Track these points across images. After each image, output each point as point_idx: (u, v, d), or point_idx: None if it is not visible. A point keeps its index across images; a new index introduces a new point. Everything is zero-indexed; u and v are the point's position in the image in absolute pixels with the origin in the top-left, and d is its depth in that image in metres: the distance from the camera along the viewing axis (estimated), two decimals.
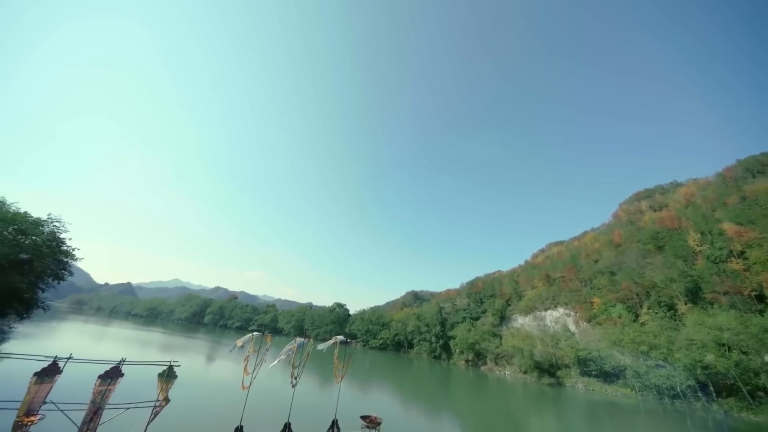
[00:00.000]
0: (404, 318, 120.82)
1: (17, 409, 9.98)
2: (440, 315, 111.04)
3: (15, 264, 31.05)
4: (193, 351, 58.28)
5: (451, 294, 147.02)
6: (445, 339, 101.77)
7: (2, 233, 29.29)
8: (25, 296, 35.00)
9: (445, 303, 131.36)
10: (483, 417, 36.57)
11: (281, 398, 15.02)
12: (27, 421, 9.91)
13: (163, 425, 11.71)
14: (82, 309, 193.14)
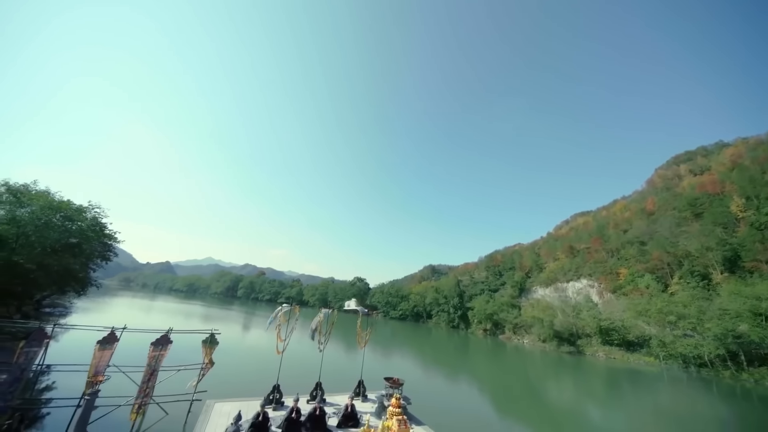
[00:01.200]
0: (422, 291, 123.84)
1: (87, 371, 11.67)
2: (458, 288, 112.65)
3: (67, 247, 34.46)
4: (231, 321, 63.68)
5: (469, 267, 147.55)
6: (463, 310, 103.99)
7: (51, 220, 32.21)
8: (79, 276, 39.14)
9: (463, 276, 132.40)
10: (500, 380, 38.07)
11: (311, 361, 16.43)
12: (96, 380, 11.60)
13: (211, 384, 13.27)
14: (129, 286, 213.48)
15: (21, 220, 28.84)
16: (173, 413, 12.79)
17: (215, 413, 10.68)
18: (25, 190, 32.14)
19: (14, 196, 30.37)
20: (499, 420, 22.88)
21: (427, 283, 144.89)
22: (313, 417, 10.78)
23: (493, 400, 28.48)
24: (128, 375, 12.27)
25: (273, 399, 12.50)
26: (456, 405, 24.47)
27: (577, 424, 23.58)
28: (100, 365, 11.75)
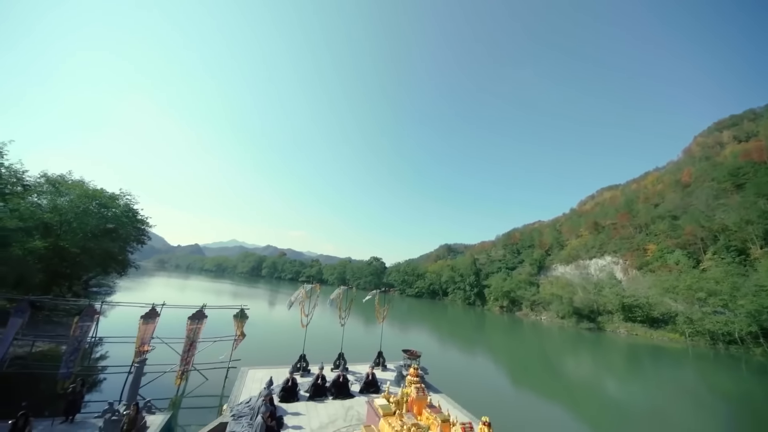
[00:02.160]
0: (438, 269, 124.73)
1: (134, 342, 13.03)
2: (474, 266, 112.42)
3: (105, 232, 37.15)
4: (257, 298, 67.75)
5: (486, 246, 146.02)
6: (480, 288, 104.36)
7: (88, 208, 34.58)
8: (119, 258, 42.41)
9: (480, 255, 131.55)
10: (516, 354, 38.77)
11: (333, 334, 17.42)
12: (143, 350, 12.97)
13: (244, 353, 14.51)
14: (164, 267, 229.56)
15: (62, 209, 31.21)
16: (212, 379, 14.17)
17: (249, 379, 11.74)
18: (62, 180, 34.45)
19: (53, 186, 32.68)
20: (515, 391, 23.58)
21: (443, 262, 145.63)
22: (337, 383, 11.61)
23: (509, 372, 29.21)
24: (170, 346, 13.58)
25: (300, 367, 13.51)
26: (472, 376, 25.36)
27: (593, 397, 23.92)
28: (146, 337, 13.08)
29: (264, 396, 8.85)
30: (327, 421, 9.50)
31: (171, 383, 13.24)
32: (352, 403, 10.98)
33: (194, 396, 13.75)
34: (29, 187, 27.67)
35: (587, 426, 17.83)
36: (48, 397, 11.58)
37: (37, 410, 9.68)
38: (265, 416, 7.92)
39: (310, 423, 9.30)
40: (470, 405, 11.18)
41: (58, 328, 22.26)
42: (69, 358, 12.39)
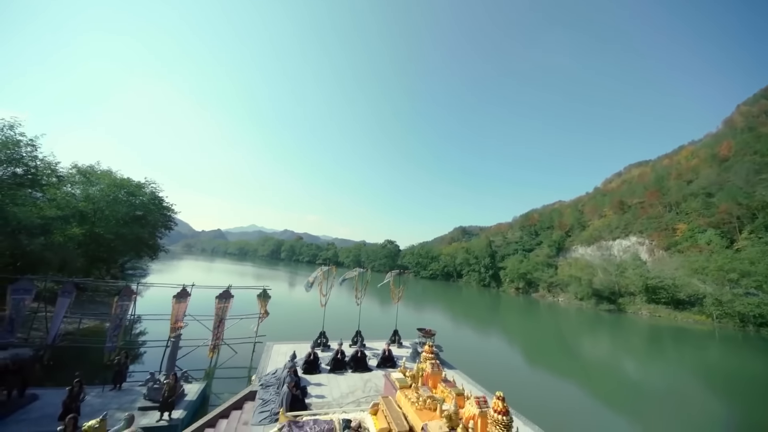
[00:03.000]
0: (453, 251, 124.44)
1: (169, 319, 14.15)
2: (490, 248, 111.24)
3: (135, 219, 39.38)
4: (278, 279, 70.84)
5: (502, 228, 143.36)
6: (495, 270, 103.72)
7: (118, 196, 36.59)
8: (149, 243, 45.12)
9: (496, 237, 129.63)
10: (531, 334, 38.95)
11: (350, 314, 18.19)
12: (177, 326, 14.08)
13: (268, 330, 15.52)
14: (190, 251, 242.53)
15: (94, 197, 33.24)
16: (241, 352, 15.32)
17: (274, 352, 12.61)
18: (92, 171, 36.42)
19: (84, 176, 34.67)
20: (529, 369, 23.93)
21: (457, 244, 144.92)
22: (356, 358, 12.26)
23: (524, 351, 29.53)
24: (202, 322, 14.67)
25: (320, 342, 14.31)
26: (486, 355, 25.87)
27: (608, 376, 23.90)
28: (179, 315, 14.17)
29: (289, 368, 9.52)
30: (347, 391, 10.15)
31: (204, 356, 14.44)
32: (370, 376, 11.60)
33: (225, 367, 14.98)
34: (63, 177, 29.45)
35: (602, 404, 18.00)
36: (97, 368, 12.97)
37: (89, 379, 10.91)
38: (290, 386, 8.57)
39: (331, 392, 9.97)
40: (484, 382, 11.53)
41: (101, 307, 24.43)
42: (112, 333, 13.70)
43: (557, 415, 14.33)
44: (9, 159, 18.44)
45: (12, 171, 19.10)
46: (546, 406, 15.10)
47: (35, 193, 22.16)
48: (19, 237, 17.71)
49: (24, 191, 20.42)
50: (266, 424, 7.54)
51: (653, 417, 16.61)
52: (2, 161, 18.37)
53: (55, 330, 13.59)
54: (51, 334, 13.44)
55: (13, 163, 18.76)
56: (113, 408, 10.19)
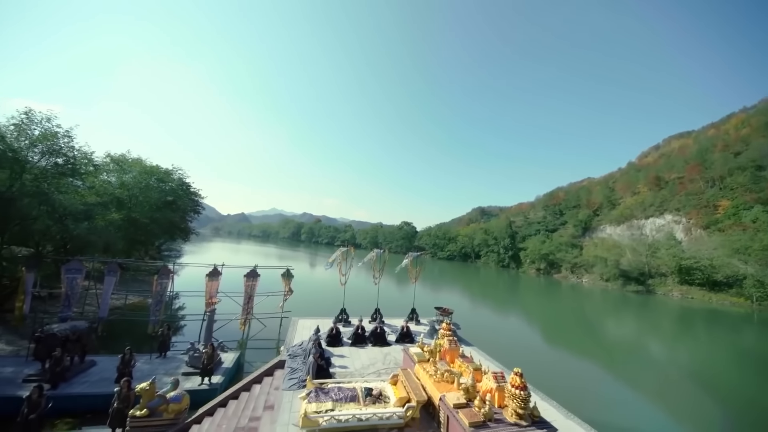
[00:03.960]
0: (471, 232, 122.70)
1: (204, 295, 15.29)
2: (510, 229, 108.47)
3: (166, 204, 41.83)
4: (300, 260, 73.80)
5: (524, 208, 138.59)
6: (515, 251, 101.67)
7: (149, 183, 38.75)
8: (181, 226, 48.05)
9: (516, 217, 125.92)
10: (551, 314, 38.55)
11: (369, 293, 18.79)
12: (211, 302, 15.18)
13: (293, 306, 16.49)
14: (218, 234, 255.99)
15: (128, 184, 35.45)
16: (269, 326, 16.45)
17: (299, 326, 13.44)
18: (123, 159, 38.58)
19: (117, 164, 36.84)
20: (548, 348, 23.93)
21: (475, 225, 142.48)
22: (375, 333, 12.79)
23: (543, 331, 29.42)
24: (233, 299, 15.77)
25: (341, 318, 15.01)
26: (504, 334, 26.07)
27: (632, 356, 23.45)
28: (212, 291, 15.26)
29: (313, 341, 10.15)
30: (368, 363, 10.71)
31: (237, 329, 15.66)
32: (389, 350, 12.12)
33: (256, 339, 16.21)
34: (98, 166, 31.41)
35: (623, 384, 17.84)
36: (143, 338, 14.43)
37: (137, 348, 12.23)
38: (315, 356, 9.17)
39: (353, 363, 10.57)
40: (501, 359, 11.69)
41: (143, 285, 26.71)
42: (155, 308, 15.07)
43: (576, 392, 14.43)
44: (50, 150, 19.84)
45: (54, 161, 20.59)
46: (565, 384, 15.21)
47: (75, 181, 23.87)
48: (66, 222, 19.39)
49: (66, 180, 22.07)
50: (295, 390, 8.19)
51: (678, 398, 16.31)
52: (44, 152, 19.81)
53: (106, 305, 15.11)
54: (102, 308, 14.98)
55: (53, 153, 20.18)
56: (160, 373, 11.40)
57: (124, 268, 26.89)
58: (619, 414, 13.37)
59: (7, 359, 12.26)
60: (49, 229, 18.65)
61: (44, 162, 20.17)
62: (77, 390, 10.46)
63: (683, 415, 14.65)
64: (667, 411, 14.96)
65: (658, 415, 14.46)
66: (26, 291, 13.85)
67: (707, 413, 15.01)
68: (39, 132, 19.35)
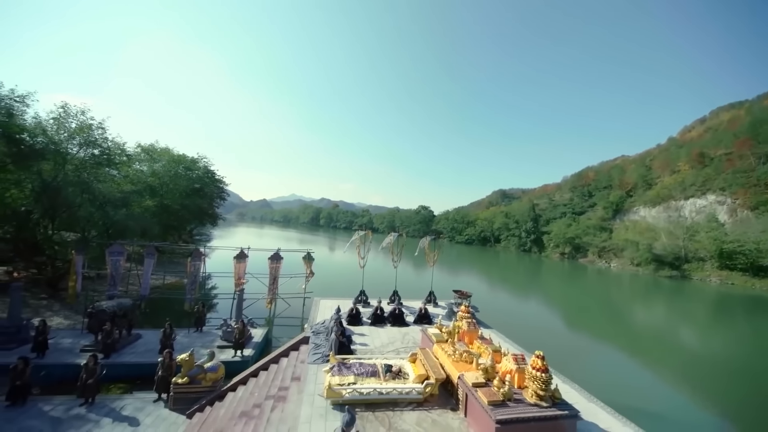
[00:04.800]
0: (490, 216, 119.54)
1: (233, 276, 16.21)
2: (533, 211, 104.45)
3: (194, 191, 43.98)
4: (320, 244, 75.98)
5: (549, 189, 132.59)
6: (537, 234, 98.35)
7: (177, 171, 40.69)
8: (209, 212, 50.58)
9: (540, 199, 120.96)
10: (575, 299, 37.53)
11: (387, 275, 19.14)
12: (240, 283, 16.10)
13: (315, 287, 17.19)
14: (243, 219, 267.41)
15: (159, 173, 37.43)
16: (293, 305, 17.34)
17: (321, 306, 14.04)
18: (153, 149, 40.54)
19: (147, 153, 38.81)
20: (571, 334, 23.49)
21: (495, 208, 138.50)
22: (394, 314, 13.10)
23: (566, 316, 28.80)
24: (259, 279, 16.63)
25: (361, 299, 15.47)
26: (524, 318, 25.79)
27: (662, 343, 22.55)
28: (240, 273, 16.15)
29: (335, 319, 10.59)
30: (387, 342, 11.06)
31: (264, 307, 16.64)
32: (407, 330, 12.41)
33: (282, 317, 17.18)
34: (131, 156, 33.24)
35: (650, 371, 17.29)
36: (181, 315, 15.66)
37: (177, 323, 13.35)
38: (337, 334, 9.59)
39: (373, 342, 10.96)
40: (521, 343, 11.60)
41: (179, 266, 28.67)
42: (190, 288, 16.22)
43: (599, 378, 14.20)
44: (86, 141, 21.16)
45: (91, 152, 22.00)
46: (587, 369, 14.99)
47: (111, 171, 25.50)
48: (106, 209, 20.95)
49: (103, 170, 23.62)
50: (319, 363, 8.66)
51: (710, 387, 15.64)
52: (82, 144, 21.18)
53: (147, 284, 16.46)
54: (144, 287, 16.33)
55: (90, 145, 21.53)
56: (197, 346, 12.41)
57: (160, 251, 28.89)
58: (644, 400, 13.06)
59: (65, 332, 13.82)
60: (92, 215, 20.26)
61: (82, 153, 21.60)
62: (126, 359, 11.68)
63: (713, 405, 14.09)
64: (696, 400, 14.45)
65: (687, 403, 14.01)
66: (77, 272, 15.32)
67: (740, 404, 14.32)
68: (75, 124, 20.62)
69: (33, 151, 16.84)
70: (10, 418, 8.00)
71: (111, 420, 8.36)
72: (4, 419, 7.95)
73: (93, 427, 8.02)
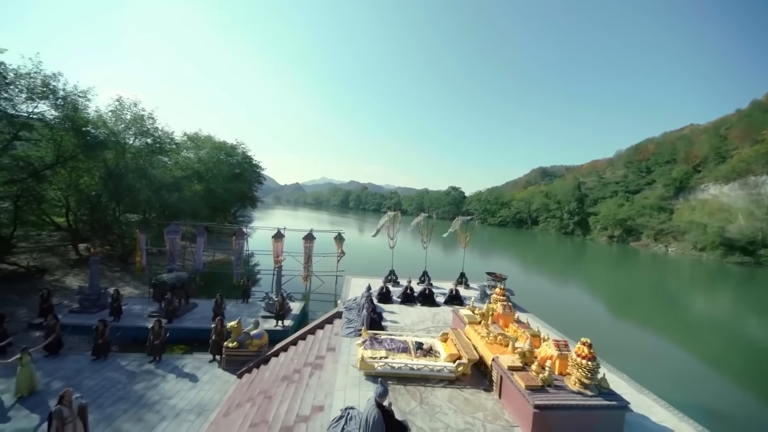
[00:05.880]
0: (528, 196, 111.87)
1: (272, 254, 17.27)
2: (578, 190, 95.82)
3: (235, 176, 46.96)
4: (350, 225, 77.99)
5: (598, 166, 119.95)
6: (583, 215, 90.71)
7: (220, 157, 43.46)
8: (249, 195, 53.99)
9: (588, 177, 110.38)
10: (623, 285, 34.63)
11: (417, 256, 19.06)
12: (278, 260, 17.13)
13: (346, 266, 17.85)
14: (279, 202, 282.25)
15: (203, 159, 40.31)
16: (327, 282, 18.22)
17: (353, 284, 14.51)
18: (197, 137, 43.48)
19: (192, 141, 41.77)
20: (619, 322, 21.87)
21: (534, 187, 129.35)
22: (424, 294, 13.13)
23: (613, 303, 26.78)
24: (295, 258, 17.60)
25: (390, 279, 15.68)
26: (564, 304, 24.42)
27: (727, 339, 20.12)
28: (278, 251, 17.17)
29: (366, 297, 10.91)
30: (417, 320, 11.18)
31: (300, 283, 17.71)
32: (438, 310, 12.40)
33: (316, 293, 18.20)
34: (179, 144, 36.01)
35: (713, 369, 15.57)
36: (230, 287, 17.19)
37: (226, 294, 14.72)
38: (368, 310, 9.90)
39: (403, 320, 11.16)
40: (560, 329, 10.95)
41: (226, 245, 31.23)
42: (236, 263, 17.69)
43: (651, 371, 13.16)
44: (140, 131, 23.22)
45: (145, 141, 24.15)
46: (636, 360, 13.95)
47: (163, 158, 27.89)
48: (161, 193, 23.19)
49: (156, 157, 25.92)
50: (352, 337, 9.05)
51: None
52: (137, 134, 23.28)
53: (200, 259, 18.23)
54: (197, 262, 18.14)
55: (144, 134, 23.61)
56: (244, 315, 13.60)
57: (209, 230, 31.65)
58: (704, 398, 11.93)
59: (135, 299, 15.99)
60: (150, 199, 22.58)
61: (138, 142, 23.80)
62: (185, 324, 13.24)
63: None
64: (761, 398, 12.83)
65: (758, 404, 12.51)
66: (141, 248, 17.37)
67: None
68: (130, 116, 22.62)
69: (97, 141, 18.89)
70: (96, 370, 9.60)
71: (175, 376, 9.63)
72: (91, 370, 9.55)
73: (160, 381, 9.31)
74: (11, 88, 14.98)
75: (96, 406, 7.82)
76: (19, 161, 15.87)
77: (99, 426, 7.28)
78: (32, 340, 10.99)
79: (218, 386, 9.37)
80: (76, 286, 16.36)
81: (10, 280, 15.37)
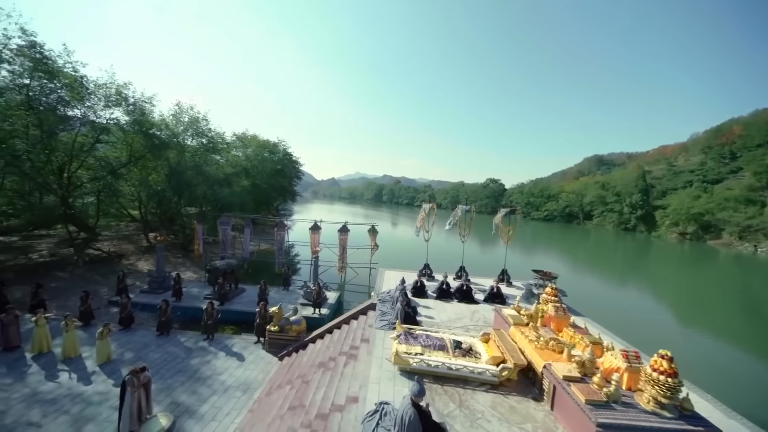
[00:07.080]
0: (580, 188, 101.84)
1: (309, 245, 17.93)
2: (642, 181, 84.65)
3: (276, 172, 49.84)
4: (383, 219, 78.43)
5: (669, 152, 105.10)
6: (648, 209, 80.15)
7: (263, 155, 46.37)
8: (289, 190, 57.05)
9: (655, 165, 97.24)
10: (697, 290, 29.96)
11: (454, 251, 18.34)
12: (315, 251, 17.70)
13: (380, 258, 17.90)
14: (316, 196, 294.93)
15: (250, 157, 43.35)
16: (361, 274, 18.45)
17: (387, 277, 14.46)
18: (244, 136, 46.80)
19: (240, 140, 45.07)
20: (694, 333, 18.96)
21: (587, 178, 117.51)
22: (461, 290, 12.57)
23: (687, 311, 23.37)
24: (331, 249, 18.08)
25: (425, 273, 15.32)
26: (625, 309, 21.86)
27: None
28: (315, 242, 17.76)
29: (400, 290, 10.73)
30: (454, 317, 10.74)
31: (336, 274, 18.19)
32: (477, 308, 11.78)
33: (351, 284, 18.56)
34: (229, 143, 39.04)
35: None
36: (273, 275, 18.28)
37: (270, 281, 15.69)
38: (402, 304, 9.72)
39: (439, 316, 10.80)
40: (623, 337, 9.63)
41: (269, 236, 33.28)
42: (278, 253, 18.71)
43: (739, 393, 11.18)
44: (197, 132, 25.52)
45: (201, 141, 26.52)
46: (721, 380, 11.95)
47: (215, 156, 30.44)
48: (215, 188, 25.40)
49: (210, 156, 28.37)
50: (386, 330, 8.97)
51: None
52: (193, 135, 25.63)
53: (247, 249, 19.65)
54: (245, 251, 19.57)
55: (199, 135, 25.93)
56: (285, 302, 14.33)
57: (255, 222, 34.04)
58: None
59: (193, 283, 17.76)
60: (206, 193, 24.88)
61: (194, 142, 26.22)
62: (235, 307, 14.38)
63: None
64: None
65: None
66: (199, 238, 19.17)
67: None
68: (188, 118, 24.94)
69: (162, 142, 21.18)
70: (159, 344, 10.87)
71: (225, 354, 10.50)
72: (156, 344, 10.85)
73: (212, 358, 10.22)
74: (92, 97, 17.35)
75: (159, 377, 8.85)
76: (101, 161, 18.41)
77: (160, 395, 8.20)
78: (111, 315, 12.80)
79: (261, 366, 10.00)
80: (146, 269, 18.73)
81: (95, 263, 18.10)
